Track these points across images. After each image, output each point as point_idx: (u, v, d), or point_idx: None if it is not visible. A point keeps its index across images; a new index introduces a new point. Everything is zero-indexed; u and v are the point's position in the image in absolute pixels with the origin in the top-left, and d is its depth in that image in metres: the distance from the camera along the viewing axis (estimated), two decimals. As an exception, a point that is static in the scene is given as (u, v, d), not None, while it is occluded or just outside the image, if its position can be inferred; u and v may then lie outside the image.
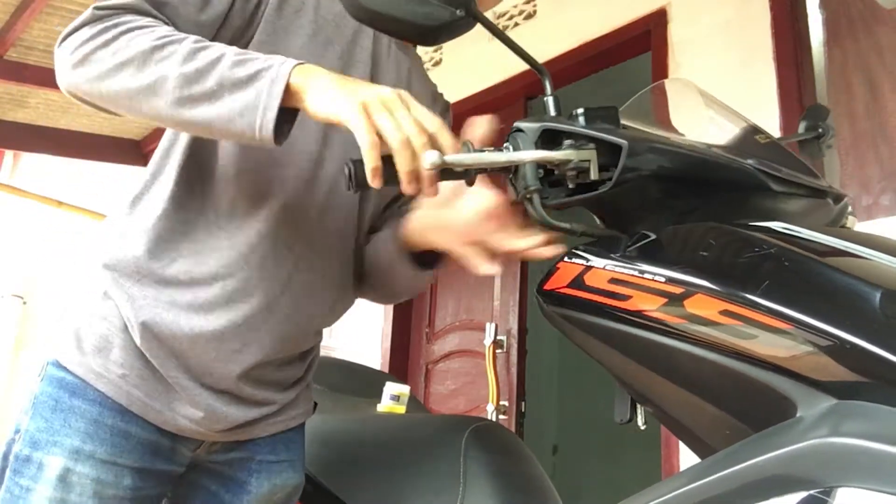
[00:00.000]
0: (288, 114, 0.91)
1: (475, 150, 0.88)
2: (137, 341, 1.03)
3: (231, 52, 0.93)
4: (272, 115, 0.89)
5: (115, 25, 0.95)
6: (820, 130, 1.20)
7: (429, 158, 0.84)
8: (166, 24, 0.99)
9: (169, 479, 1.11)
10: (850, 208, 1.01)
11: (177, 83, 0.92)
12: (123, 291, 1.05)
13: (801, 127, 1.22)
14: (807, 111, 1.24)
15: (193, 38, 0.95)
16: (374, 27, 0.88)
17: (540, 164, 0.86)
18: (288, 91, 0.89)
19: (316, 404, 1.30)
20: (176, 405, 1.06)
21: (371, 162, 0.84)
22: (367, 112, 0.85)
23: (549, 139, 0.87)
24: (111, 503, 1.03)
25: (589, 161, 0.83)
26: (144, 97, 0.94)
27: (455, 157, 0.85)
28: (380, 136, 0.84)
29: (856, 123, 2.40)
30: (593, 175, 0.83)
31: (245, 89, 0.90)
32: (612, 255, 0.84)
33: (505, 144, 0.89)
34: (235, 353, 1.06)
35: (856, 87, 2.45)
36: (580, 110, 0.87)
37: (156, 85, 0.93)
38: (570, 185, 0.86)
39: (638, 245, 0.84)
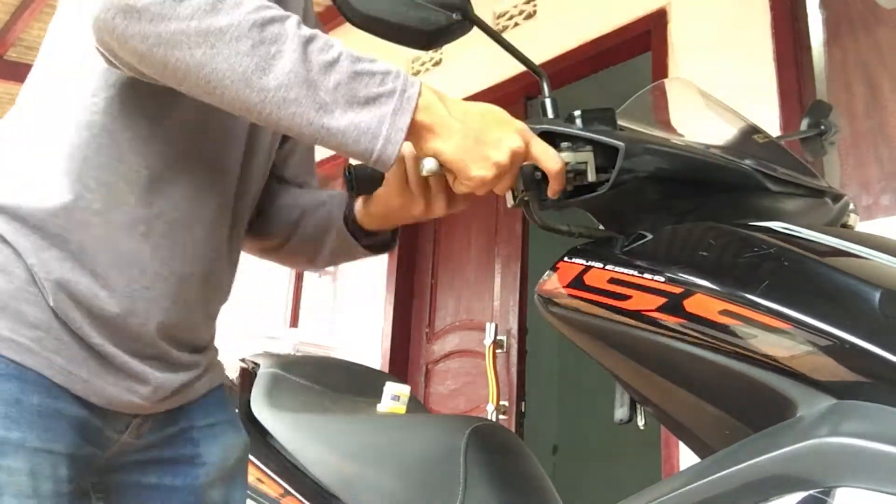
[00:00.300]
0: None
1: None
2: (50, 301, 0.84)
3: (345, 54, 0.81)
4: (394, 149, 0.81)
5: None
6: (822, 127, 1.20)
7: (426, 165, 0.84)
8: None
9: (94, 468, 0.93)
10: (851, 206, 1.01)
11: (281, 81, 0.78)
12: (27, 239, 0.85)
13: (804, 124, 1.21)
14: (809, 108, 1.24)
15: (295, 18, 0.80)
16: (370, 31, 0.88)
17: (537, 167, 0.86)
18: (412, 125, 0.82)
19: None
20: (105, 374, 0.88)
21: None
22: (491, 181, 0.83)
23: (546, 141, 0.87)
24: (53, 500, 0.84)
25: (586, 163, 0.84)
26: (231, 84, 0.78)
27: None
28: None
29: (856, 123, 2.40)
30: (591, 177, 0.84)
31: (363, 111, 0.80)
32: (611, 256, 0.85)
33: None
34: (164, 311, 0.92)
35: (856, 86, 2.45)
36: (577, 112, 0.87)
37: (255, 74, 0.78)
38: (568, 187, 0.86)
39: (637, 245, 0.84)
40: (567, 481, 4.61)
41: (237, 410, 1.20)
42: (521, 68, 0.96)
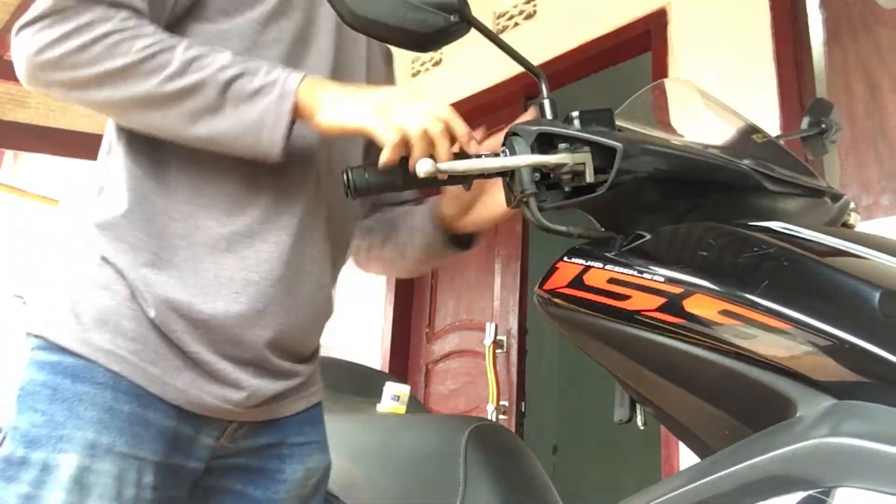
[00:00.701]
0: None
1: (470, 156, 0.89)
2: (151, 314, 0.92)
3: (229, 60, 0.91)
4: (282, 132, 0.90)
5: (89, 26, 0.88)
6: (823, 125, 1.19)
7: (422, 167, 0.85)
8: (139, 13, 0.92)
9: (187, 480, 0.98)
10: (852, 205, 1.00)
11: (175, 97, 0.89)
12: (127, 259, 0.93)
13: (805, 122, 1.21)
14: (810, 106, 1.23)
15: (183, 43, 0.91)
16: (369, 34, 0.89)
17: (536, 168, 0.86)
18: (297, 106, 0.90)
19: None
20: (199, 382, 0.94)
21: (390, 157, 0.88)
22: (384, 114, 0.88)
23: (545, 142, 0.87)
24: None
25: (584, 164, 0.84)
26: (139, 110, 0.91)
27: (449, 165, 0.87)
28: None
29: (856, 123, 2.40)
30: (589, 178, 0.84)
31: (251, 104, 0.89)
32: (611, 255, 0.85)
33: (502, 148, 0.90)
34: (262, 316, 0.98)
35: (856, 87, 2.45)
36: (575, 113, 0.88)
37: (151, 98, 0.89)
38: (567, 189, 0.86)
39: (637, 245, 0.84)
40: (567, 481, 4.61)
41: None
42: (521, 68, 0.96)
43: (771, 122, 2.50)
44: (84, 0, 0.89)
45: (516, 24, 3.61)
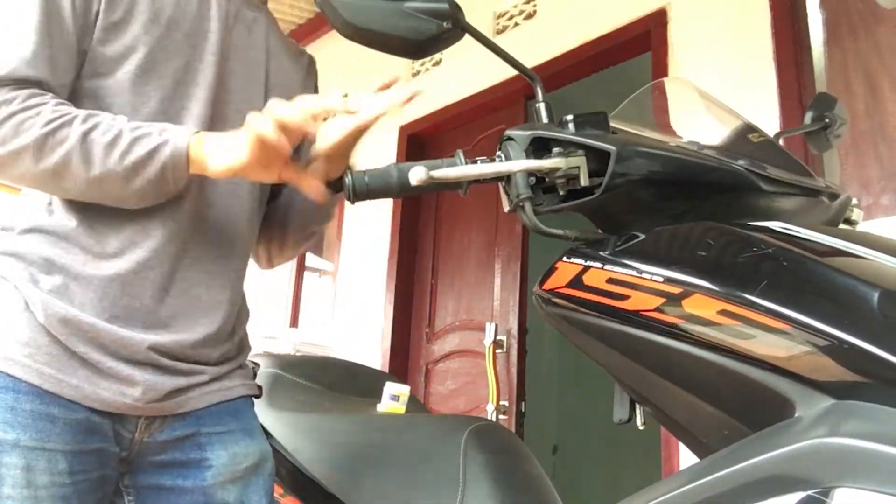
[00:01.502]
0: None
1: (465, 162, 0.89)
2: (41, 320, 1.01)
3: (125, 126, 1.00)
4: (180, 184, 1.02)
5: None
6: (827, 120, 1.18)
7: (415, 175, 0.85)
8: (44, 85, 1.01)
9: (113, 461, 1.07)
10: (854, 200, 1.00)
11: (81, 169, 0.98)
12: (22, 272, 1.04)
13: (808, 117, 1.20)
14: (814, 100, 1.22)
15: (81, 115, 0.99)
16: (361, 42, 0.89)
17: (531, 172, 0.86)
18: (189, 160, 1.00)
19: (260, 388, 1.29)
20: (94, 379, 1.03)
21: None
22: (257, 147, 0.98)
23: (540, 146, 0.87)
24: (50, 490, 0.99)
25: (578, 168, 0.84)
26: (51, 181, 1.00)
27: (442, 172, 0.87)
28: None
29: (856, 123, 2.40)
30: (583, 181, 0.84)
31: (148, 166, 0.99)
32: (610, 256, 0.85)
33: (498, 153, 0.90)
34: (146, 332, 1.06)
35: (856, 87, 2.45)
36: (569, 117, 0.88)
37: (61, 171, 0.98)
38: (562, 192, 0.86)
39: (635, 245, 0.84)
40: (567, 481, 4.61)
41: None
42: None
43: (771, 122, 2.50)
44: None
45: (516, 24, 3.61)
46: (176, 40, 1.11)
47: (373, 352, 3.91)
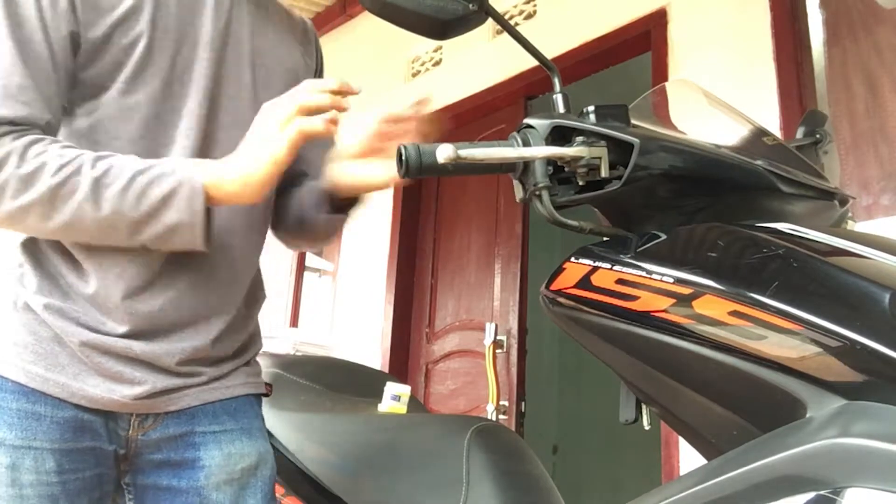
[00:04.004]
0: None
1: (488, 144, 0.88)
2: (30, 316, 1.02)
3: (135, 168, 0.96)
4: (200, 231, 0.98)
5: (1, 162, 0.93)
6: (818, 136, 1.20)
7: (443, 152, 0.84)
8: (41, 124, 0.97)
9: (109, 459, 1.06)
10: (850, 213, 1.01)
11: (94, 223, 0.95)
12: (13, 271, 1.05)
13: (800, 132, 1.21)
14: (805, 117, 1.24)
15: (89, 159, 0.95)
16: (387, 19, 0.89)
17: (549, 162, 0.86)
18: (211, 197, 0.98)
19: (270, 386, 1.26)
20: (82, 376, 1.02)
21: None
22: (294, 135, 0.97)
23: (558, 136, 0.87)
24: (36, 489, 0.98)
25: (600, 158, 0.83)
26: (64, 233, 0.98)
27: (468, 151, 0.86)
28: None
29: (856, 123, 2.40)
30: (604, 172, 0.83)
31: (166, 212, 0.96)
32: (618, 256, 0.84)
33: (509, 139, 0.89)
34: (142, 340, 1.05)
35: (856, 87, 2.45)
36: (591, 108, 0.87)
37: (74, 223, 0.95)
38: (581, 183, 0.86)
39: (645, 246, 0.84)
40: (567, 481, 4.61)
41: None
42: (521, 68, 0.97)
43: (771, 122, 2.50)
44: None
45: (516, 24, 3.61)
46: (165, 38, 1.07)
47: (373, 352, 3.90)
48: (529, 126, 0.89)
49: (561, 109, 0.93)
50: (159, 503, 1.10)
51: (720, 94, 1.08)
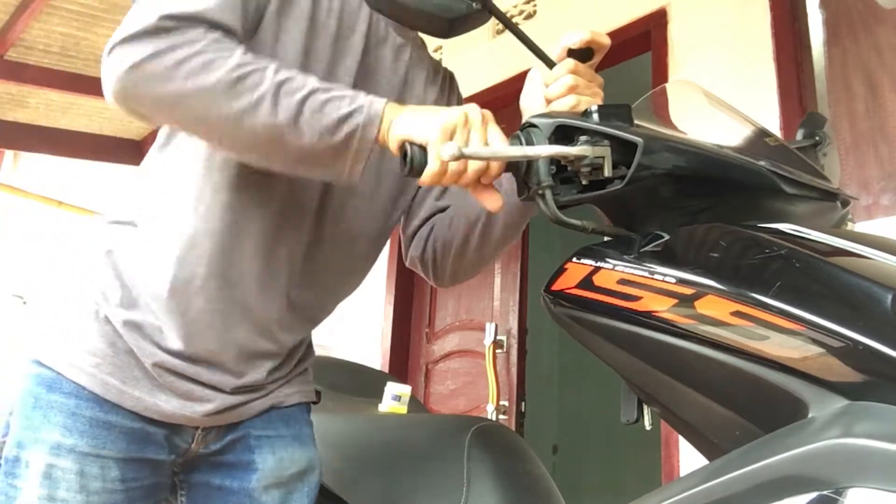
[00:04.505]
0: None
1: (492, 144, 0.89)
2: (110, 331, 1.04)
3: (316, 85, 0.93)
4: (360, 166, 0.94)
5: (186, 44, 0.91)
6: (817, 138, 1.20)
7: (447, 150, 0.84)
8: (232, 34, 0.96)
9: (167, 469, 1.10)
10: (850, 215, 1.01)
11: (267, 118, 0.90)
12: (95, 277, 1.06)
13: (799, 134, 1.22)
14: (805, 119, 1.25)
15: (273, 65, 0.93)
16: (392, 17, 0.89)
17: (552, 161, 0.86)
18: (379, 132, 0.92)
19: (319, 393, 1.29)
20: (156, 392, 1.05)
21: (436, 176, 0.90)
22: (444, 130, 0.89)
23: (561, 136, 0.87)
24: (102, 496, 1.02)
25: (603, 157, 0.83)
26: (226, 128, 0.93)
27: (473, 150, 0.86)
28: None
29: (856, 123, 2.40)
30: (607, 172, 0.83)
31: (335, 134, 0.91)
32: (621, 257, 0.85)
33: (512, 139, 0.89)
34: (220, 354, 1.08)
35: (856, 87, 2.45)
36: (594, 107, 0.87)
37: (246, 117, 0.91)
38: (584, 182, 0.86)
39: (647, 246, 0.84)
40: (567, 481, 4.61)
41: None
42: (521, 68, 0.97)
43: (771, 123, 2.50)
44: (184, 19, 0.91)
45: (516, 24, 3.61)
46: (320, 46, 1.07)
47: (373, 352, 3.90)
48: (532, 125, 0.89)
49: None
50: (211, 502, 1.13)
51: (720, 94, 1.09)
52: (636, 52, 3.18)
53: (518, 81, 3.97)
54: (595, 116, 0.87)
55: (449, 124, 0.89)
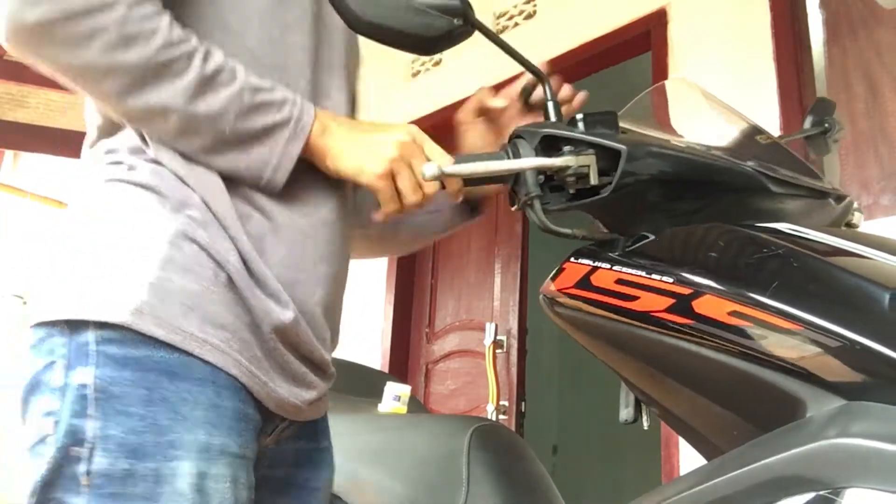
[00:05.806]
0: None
1: (474, 160, 0.89)
2: (235, 301, 0.84)
3: (245, 83, 0.86)
4: (283, 175, 0.88)
5: (103, 7, 0.78)
6: (826, 125, 1.19)
7: (428, 171, 0.85)
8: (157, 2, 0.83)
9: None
10: (855, 204, 1.01)
11: (183, 114, 0.83)
12: (215, 240, 0.85)
13: (808, 122, 1.21)
14: (813, 105, 1.24)
15: (202, 49, 0.84)
16: (373, 38, 0.88)
17: (541, 170, 0.86)
18: (306, 148, 0.88)
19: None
20: (276, 376, 0.87)
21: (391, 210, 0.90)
22: (391, 178, 0.88)
23: (549, 144, 0.88)
24: None
25: (588, 166, 0.84)
26: (136, 112, 0.84)
27: (454, 168, 0.87)
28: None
29: (856, 123, 2.40)
30: (593, 180, 0.84)
31: (259, 141, 0.86)
32: (619, 257, 0.85)
33: (502, 150, 0.90)
34: (330, 311, 0.96)
35: (856, 87, 2.45)
36: (580, 116, 0.88)
37: (153, 110, 0.83)
38: (571, 191, 0.87)
39: (644, 246, 0.85)
40: (567, 481, 4.61)
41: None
42: (521, 68, 0.97)
43: (771, 122, 2.50)
44: None
45: (516, 24, 3.61)
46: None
47: (373, 352, 3.90)
48: (519, 136, 0.90)
49: (552, 117, 0.93)
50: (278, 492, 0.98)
51: (720, 93, 1.09)
52: (636, 52, 3.18)
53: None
54: (580, 125, 0.88)
55: (386, 168, 0.88)
